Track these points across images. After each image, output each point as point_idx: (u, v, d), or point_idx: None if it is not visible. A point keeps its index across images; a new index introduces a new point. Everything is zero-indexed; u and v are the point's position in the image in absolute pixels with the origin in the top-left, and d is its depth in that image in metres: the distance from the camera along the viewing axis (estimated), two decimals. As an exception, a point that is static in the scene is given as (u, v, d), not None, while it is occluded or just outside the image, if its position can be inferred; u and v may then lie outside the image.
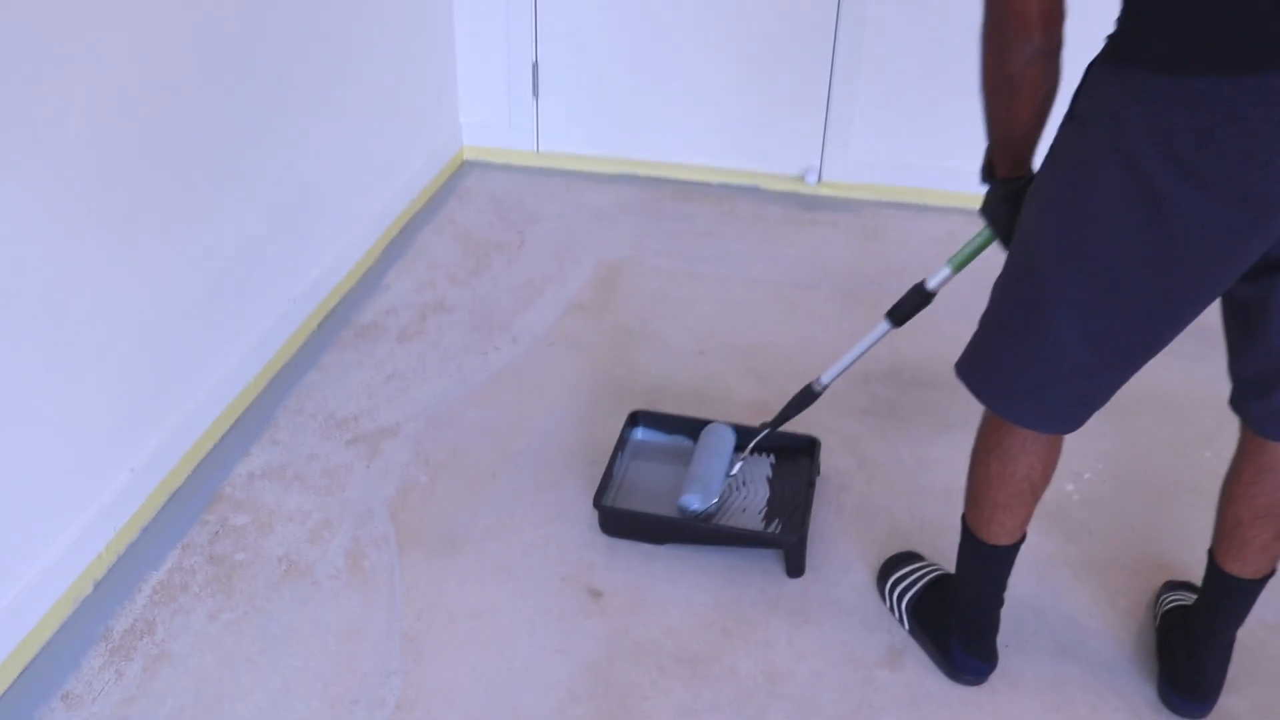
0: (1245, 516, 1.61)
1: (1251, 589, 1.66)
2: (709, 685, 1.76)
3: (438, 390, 2.40)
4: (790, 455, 2.16)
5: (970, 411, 1.93)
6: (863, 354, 1.96)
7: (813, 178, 3.24)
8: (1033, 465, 1.59)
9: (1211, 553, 1.69)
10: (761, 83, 3.12)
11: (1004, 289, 1.50)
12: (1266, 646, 1.85)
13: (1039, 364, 1.47)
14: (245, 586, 1.91)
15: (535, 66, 3.27)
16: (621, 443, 2.16)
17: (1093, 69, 1.33)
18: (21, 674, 1.74)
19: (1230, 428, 1.64)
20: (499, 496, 2.12)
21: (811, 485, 2.06)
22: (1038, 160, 1.47)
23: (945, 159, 3.14)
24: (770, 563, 1.98)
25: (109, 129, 1.82)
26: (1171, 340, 1.41)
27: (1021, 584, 1.93)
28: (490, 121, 3.37)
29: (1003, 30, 1.33)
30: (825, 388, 2.01)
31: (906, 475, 2.20)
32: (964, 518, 1.72)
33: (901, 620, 1.88)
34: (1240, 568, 1.65)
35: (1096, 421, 1.60)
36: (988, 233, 1.65)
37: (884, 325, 1.90)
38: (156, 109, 1.93)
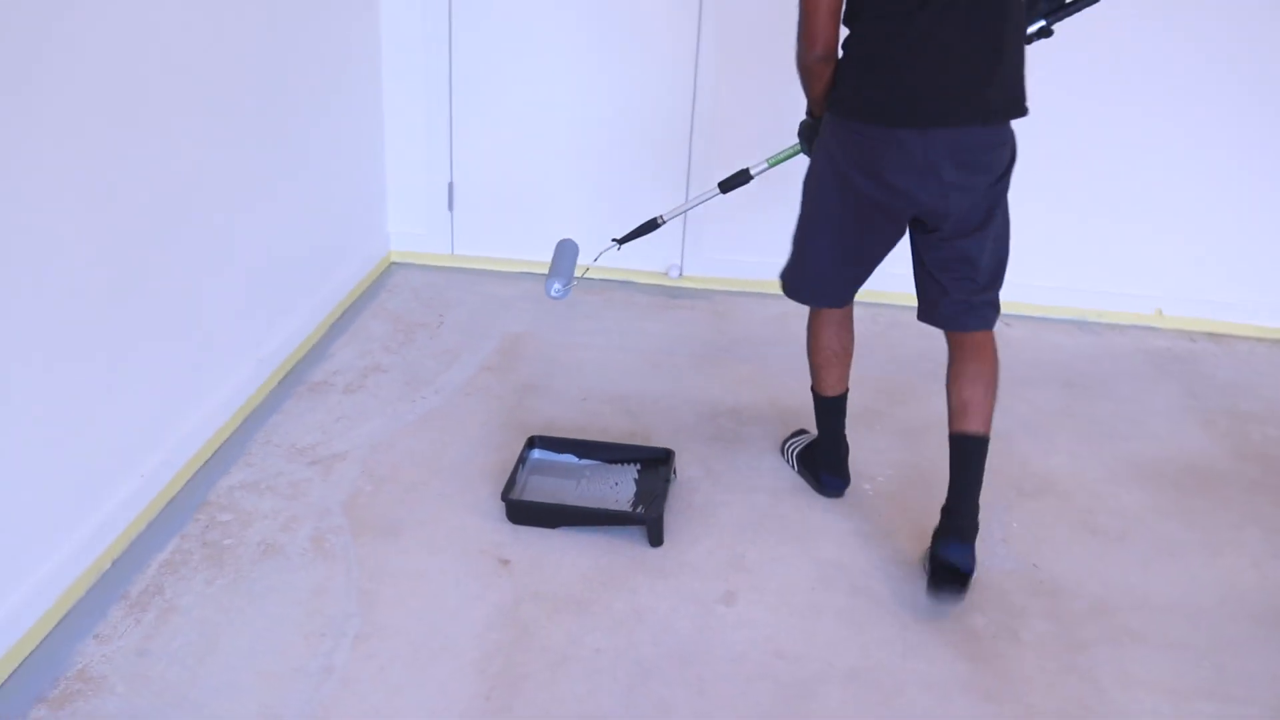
0: (963, 385, 2.34)
1: (981, 446, 2.33)
2: (591, 618, 2.21)
3: (378, 427, 2.86)
4: (651, 464, 2.66)
5: (787, 434, 2.51)
6: (695, 205, 2.77)
7: (675, 272, 3.82)
8: (831, 335, 2.54)
9: (951, 427, 2.36)
10: (632, 200, 3.67)
11: (797, 227, 2.45)
12: (1003, 585, 2.38)
13: (813, 270, 2.45)
14: (233, 561, 2.32)
15: (450, 186, 3.81)
16: (522, 459, 2.65)
17: (830, 106, 2.24)
18: (60, 622, 2.12)
19: (990, 444, 2.37)
20: (429, 498, 2.57)
21: (667, 481, 2.56)
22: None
23: (780, 256, 3.74)
24: (637, 538, 2.45)
25: (116, 211, 2.29)
26: (870, 265, 2.42)
27: (826, 548, 2.45)
28: (413, 230, 3.89)
29: (806, 41, 2.19)
30: (666, 221, 2.73)
31: (742, 479, 2.71)
32: (811, 386, 2.62)
33: (792, 465, 2.75)
34: (969, 423, 2.33)
35: (888, 439, 2.62)
36: (796, 146, 2.51)
37: (714, 190, 2.66)
38: (153, 199, 2.41)
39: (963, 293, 2.31)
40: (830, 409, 2.61)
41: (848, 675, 2.10)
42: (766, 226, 3.65)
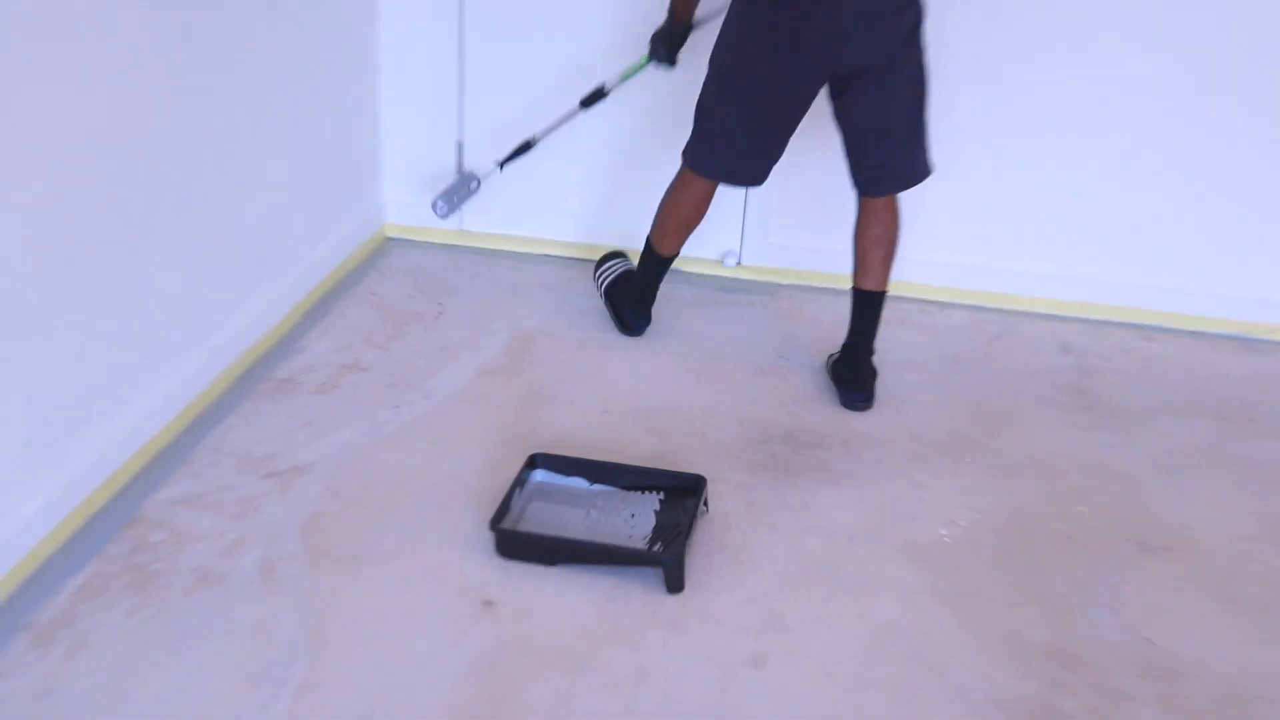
0: (866, 245, 3.14)
1: (878, 300, 3.20)
2: (585, 676, 2.28)
3: (351, 437, 2.96)
4: (677, 493, 2.73)
5: (856, 465, 2.69)
6: (559, 124, 3.57)
7: (731, 261, 3.89)
8: (690, 207, 3.26)
9: (853, 283, 3.21)
10: (659, 166, 3.75)
11: (700, 101, 3.10)
12: (1103, 662, 2.40)
13: (715, 141, 3.11)
14: (161, 590, 2.43)
15: (460, 146, 3.91)
16: (520, 481, 2.73)
17: None
18: (-47, 654, 2.25)
19: (1109, 486, 2.85)
20: (404, 525, 2.66)
21: (694, 515, 2.63)
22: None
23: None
24: (653, 582, 2.52)
25: (61, 175, 2.41)
26: (784, 136, 3.07)
27: (884, 607, 2.50)
28: (412, 200, 3.99)
29: None
30: (539, 140, 3.60)
31: (790, 517, 2.76)
32: (648, 238, 3.37)
33: (599, 292, 3.57)
34: (868, 281, 3.17)
35: (978, 476, 2.94)
36: (646, 57, 3.33)
37: (576, 108, 3.54)
38: (100, 159, 2.53)
39: (881, 153, 3.03)
40: (659, 267, 3.42)
41: (896, 762, 2.14)
42: (843, 209, 3.70)
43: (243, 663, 2.26)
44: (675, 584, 2.50)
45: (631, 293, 3.49)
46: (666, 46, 3.27)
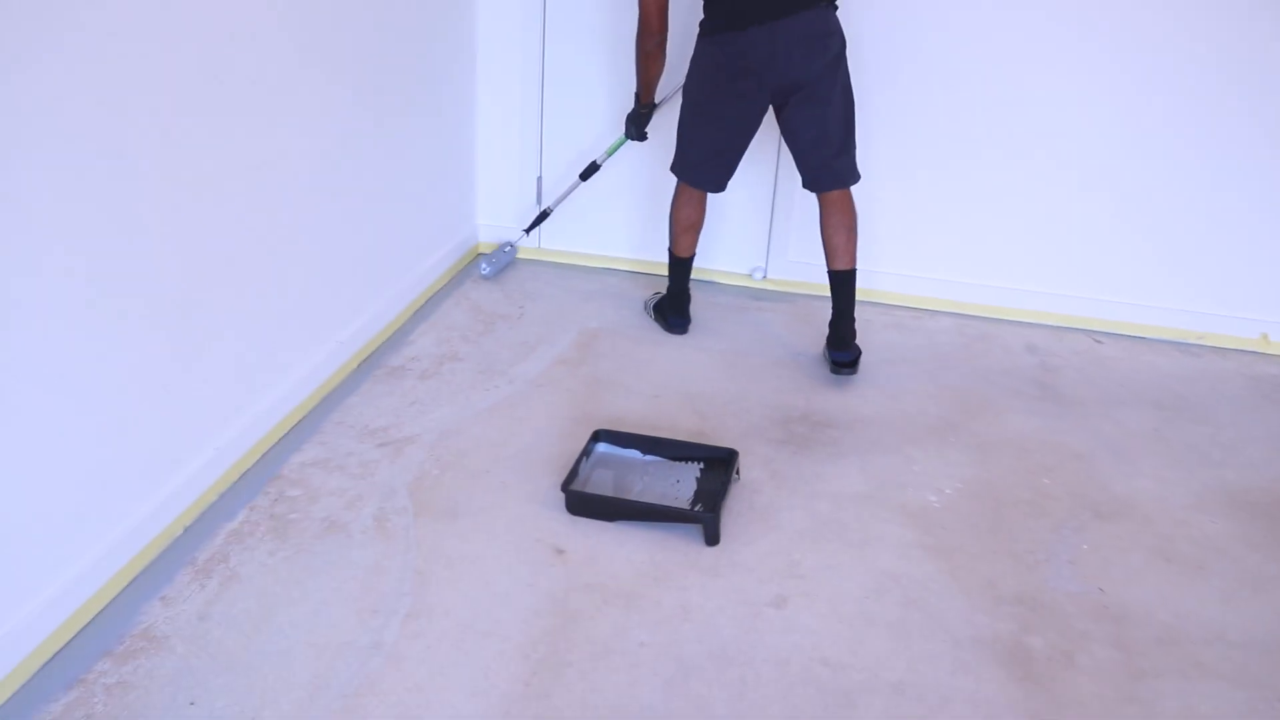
0: (829, 233, 3.17)
1: (849, 277, 3.20)
2: (638, 611, 2.24)
3: (449, 413, 2.93)
4: (715, 464, 2.68)
5: (860, 442, 2.63)
6: (567, 195, 3.72)
7: (759, 274, 3.82)
8: (690, 211, 3.30)
9: (827, 265, 3.21)
10: (719, 201, 3.70)
11: (679, 127, 3.21)
12: (1065, 608, 2.33)
13: (692, 155, 3.20)
14: (297, 535, 2.41)
15: (539, 180, 3.88)
16: (586, 451, 2.68)
17: (698, 36, 3.04)
18: (131, 582, 2.23)
19: (1069, 463, 2.81)
20: (491, 485, 2.63)
21: (727, 481, 2.57)
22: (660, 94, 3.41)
23: (866, 263, 3.72)
24: (693, 536, 2.47)
25: (205, 192, 2.40)
26: (741, 146, 3.16)
27: (883, 558, 2.44)
28: (501, 223, 3.97)
29: (643, 34, 3.13)
30: (553, 210, 3.76)
31: (805, 484, 2.71)
32: (668, 247, 3.40)
33: (648, 313, 3.55)
34: (837, 262, 3.19)
35: (960, 453, 2.79)
36: (624, 136, 3.50)
37: (577, 181, 3.67)
38: (243, 182, 2.51)
39: (820, 158, 3.09)
40: (682, 267, 3.42)
41: (893, 688, 2.08)
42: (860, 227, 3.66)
43: (360, 596, 2.24)
44: (712, 538, 2.45)
45: (670, 300, 3.48)
46: (636, 126, 3.44)
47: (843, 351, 3.22)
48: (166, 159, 2.20)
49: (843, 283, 3.22)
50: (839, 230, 3.17)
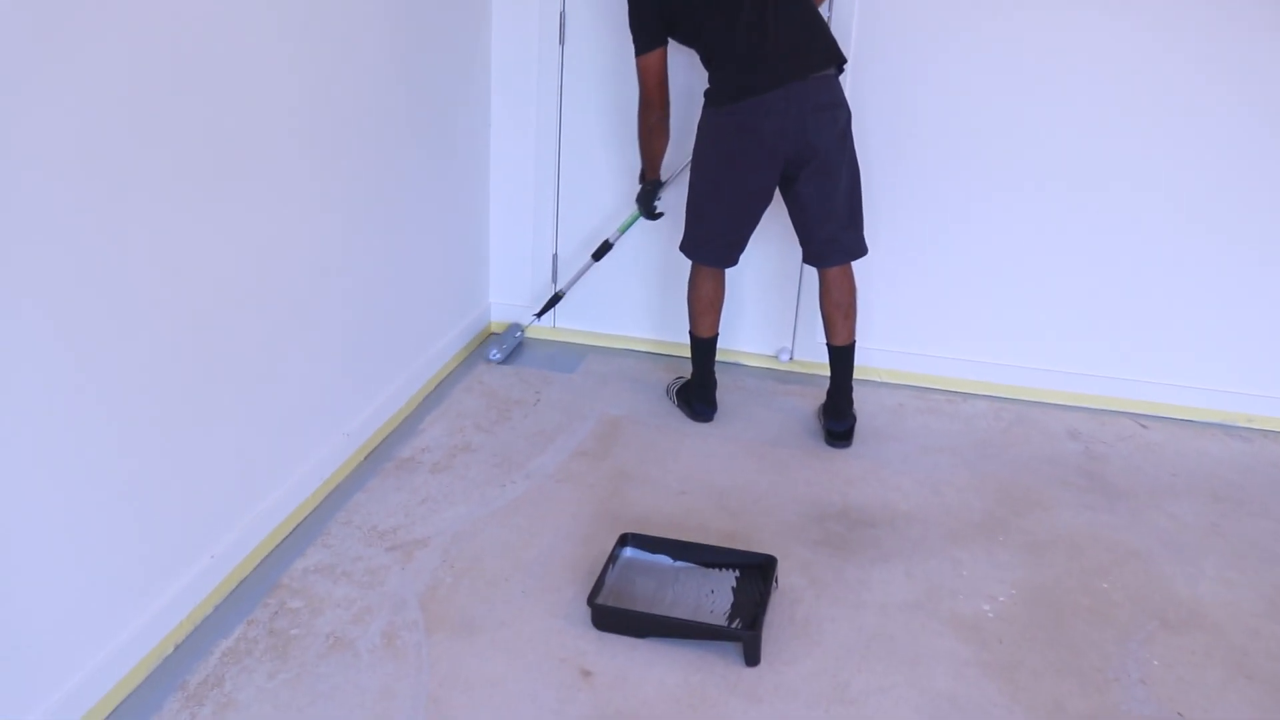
0: (829, 310, 3.07)
1: (847, 352, 3.11)
2: (676, 744, 2.02)
3: (463, 512, 2.72)
4: (751, 571, 2.46)
5: (903, 543, 2.38)
6: (580, 275, 3.55)
7: (785, 356, 3.63)
8: (709, 289, 3.13)
9: (827, 340, 3.12)
10: (743, 279, 3.53)
11: (689, 204, 3.05)
12: None
13: (704, 232, 3.04)
14: (299, 654, 2.19)
15: (555, 258, 3.71)
16: (613, 558, 2.47)
17: (705, 105, 2.94)
18: (113, 712, 2.01)
19: (1126, 563, 2.60)
20: (511, 595, 2.41)
21: (767, 593, 2.36)
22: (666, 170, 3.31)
23: (896, 344, 3.55)
24: (731, 655, 2.25)
25: (196, 276, 2.21)
26: (755, 219, 3.02)
27: (939, 679, 2.22)
28: (514, 301, 3.78)
29: (644, 109, 3.06)
30: (565, 292, 3.60)
31: (849, 592, 2.49)
32: (689, 330, 3.21)
33: (671, 398, 3.35)
34: (837, 339, 3.10)
35: (1010, 553, 2.45)
36: (636, 212, 3.36)
37: (590, 261, 3.51)
38: (240, 264, 2.33)
39: (827, 231, 2.96)
40: (705, 349, 3.22)
41: (962, 835, 1.86)
42: (884, 311, 3.48)
43: (369, 727, 2.01)
44: (753, 657, 2.23)
45: (694, 385, 3.28)
46: (644, 204, 3.32)
47: (838, 420, 3.14)
48: (161, 241, 2.01)
49: (841, 358, 3.13)
50: (838, 309, 3.07)
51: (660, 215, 3.37)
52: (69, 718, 1.91)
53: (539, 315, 3.65)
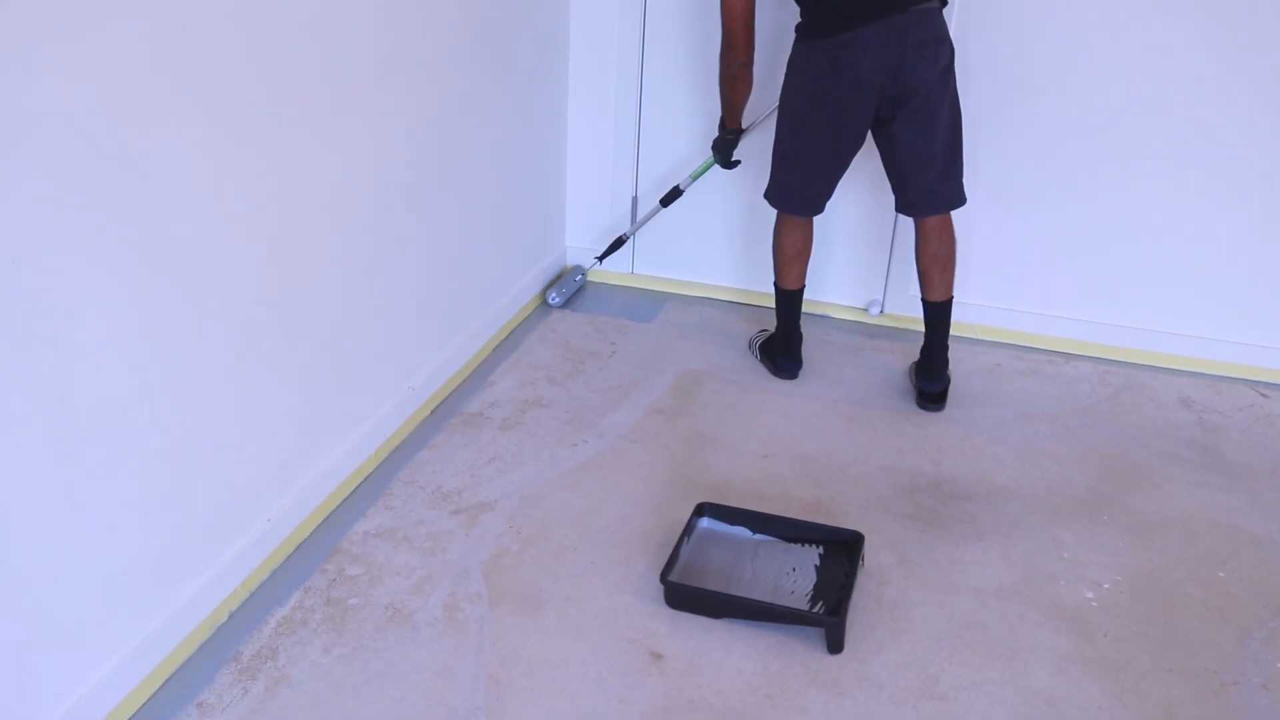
0: (926, 264, 2.86)
1: (944, 308, 2.89)
2: (751, 741, 1.88)
3: (532, 473, 2.59)
4: (836, 548, 2.30)
5: (999, 520, 2.15)
6: (646, 221, 3.38)
7: (876, 309, 3.42)
8: (796, 239, 2.94)
9: (921, 295, 2.91)
10: (832, 227, 3.31)
11: (775, 149, 2.84)
12: None
13: (792, 180, 2.83)
14: (356, 627, 2.09)
15: (635, 200, 3.52)
16: (688, 529, 2.32)
17: (795, 41, 2.70)
18: (165, 684, 1.93)
19: (1245, 550, 2.34)
20: (579, 567, 2.28)
21: (852, 574, 2.19)
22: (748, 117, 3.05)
23: (995, 299, 3.31)
24: (813, 640, 2.10)
25: (279, 244, 2.08)
26: (845, 165, 2.79)
27: (1037, 675, 2.04)
28: (592, 246, 3.61)
29: (727, 53, 2.78)
30: (630, 236, 3.44)
31: (941, 574, 2.32)
32: (774, 281, 3.03)
33: (753, 353, 3.17)
34: (933, 294, 2.88)
35: (1116, 535, 2.20)
36: (712, 159, 3.15)
37: (657, 206, 3.34)
38: (301, 213, 2.19)
39: (925, 180, 2.74)
40: (791, 302, 3.03)
41: None
42: (983, 264, 3.25)
43: (425, 709, 1.91)
44: (836, 645, 2.08)
45: (779, 339, 3.09)
46: (723, 153, 3.10)
47: (932, 382, 2.94)
48: (210, 186, 1.88)
49: (938, 314, 2.91)
50: (935, 263, 2.85)
51: (737, 164, 3.16)
52: (122, 686, 1.83)
53: (600, 259, 3.49)
